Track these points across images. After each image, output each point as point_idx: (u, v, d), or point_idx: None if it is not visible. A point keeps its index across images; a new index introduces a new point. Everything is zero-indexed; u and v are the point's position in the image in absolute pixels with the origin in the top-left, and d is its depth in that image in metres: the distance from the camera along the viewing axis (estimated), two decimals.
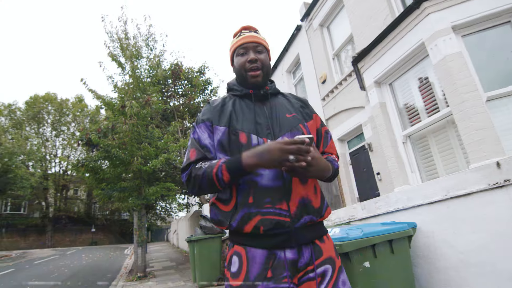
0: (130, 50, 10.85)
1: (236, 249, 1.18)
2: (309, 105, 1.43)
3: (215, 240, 7.42)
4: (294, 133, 1.22)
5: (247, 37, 1.31)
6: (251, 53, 1.29)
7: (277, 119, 1.26)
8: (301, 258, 1.12)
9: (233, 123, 1.23)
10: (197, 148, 1.23)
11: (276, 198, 1.12)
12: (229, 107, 1.28)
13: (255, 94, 1.31)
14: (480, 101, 3.48)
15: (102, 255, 18.29)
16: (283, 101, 1.36)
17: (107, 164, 10.76)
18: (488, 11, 3.69)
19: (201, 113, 1.34)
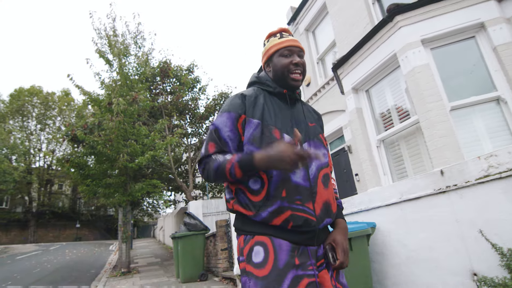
0: (118, 47, 10.87)
1: (258, 239, 1.17)
2: (321, 119, 1.48)
3: (199, 237, 7.59)
4: (315, 142, 1.29)
5: (293, 41, 1.33)
6: (296, 56, 1.30)
7: (304, 125, 1.30)
8: (319, 249, 1.19)
9: (267, 117, 1.24)
10: (216, 142, 1.25)
11: (305, 197, 1.15)
12: (261, 101, 1.29)
13: (289, 95, 1.34)
14: (444, 111, 3.75)
15: (86, 251, 18.23)
16: (304, 109, 1.39)
17: (92, 160, 10.79)
18: (455, 27, 3.97)
19: (229, 103, 1.31)
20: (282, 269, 1.10)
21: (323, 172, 1.24)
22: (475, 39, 3.97)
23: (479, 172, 1.99)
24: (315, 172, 1.21)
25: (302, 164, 1.06)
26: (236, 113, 1.25)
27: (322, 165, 1.25)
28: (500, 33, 3.75)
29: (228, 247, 7.25)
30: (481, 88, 3.82)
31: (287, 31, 1.39)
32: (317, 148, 1.28)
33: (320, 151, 1.28)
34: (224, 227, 7.43)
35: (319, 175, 1.22)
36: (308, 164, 1.15)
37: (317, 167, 1.23)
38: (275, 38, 1.36)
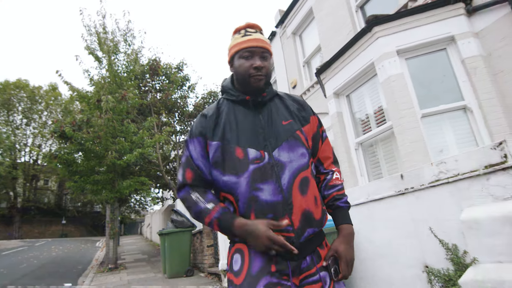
0: (107, 44, 10.92)
1: (237, 246, 1.16)
2: (306, 107, 1.35)
3: (186, 234, 7.79)
4: (290, 143, 1.19)
5: (255, 41, 1.21)
6: (257, 59, 1.20)
7: (274, 128, 1.21)
8: (304, 261, 1.13)
9: (227, 136, 1.19)
10: (192, 169, 1.22)
11: (278, 214, 1.09)
12: (223, 118, 1.23)
13: (252, 101, 1.25)
14: (415, 117, 4.03)
15: (73, 247, 18.18)
16: (279, 105, 1.29)
17: (81, 157, 10.83)
18: (428, 39, 4.24)
19: (194, 126, 1.28)
20: (255, 276, 1.07)
21: (300, 177, 1.16)
22: (446, 51, 4.26)
23: (432, 177, 2.25)
24: (288, 180, 1.13)
25: (276, 249, 1.04)
26: (201, 136, 1.23)
27: (299, 168, 1.16)
28: (468, 47, 4.04)
29: (214, 244, 7.47)
30: (450, 97, 4.11)
31: (254, 26, 1.27)
32: (291, 149, 1.18)
33: (297, 152, 1.18)
34: None
35: (295, 182, 1.14)
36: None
37: (291, 174, 1.14)
38: (239, 35, 1.25)
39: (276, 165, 1.14)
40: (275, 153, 1.16)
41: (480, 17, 4.10)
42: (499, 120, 3.71)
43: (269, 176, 1.12)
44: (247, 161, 1.14)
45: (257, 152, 1.15)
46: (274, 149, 1.16)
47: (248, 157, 1.14)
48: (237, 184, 1.14)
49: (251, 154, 1.15)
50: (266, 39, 1.26)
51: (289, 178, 1.13)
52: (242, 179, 1.13)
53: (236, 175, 1.14)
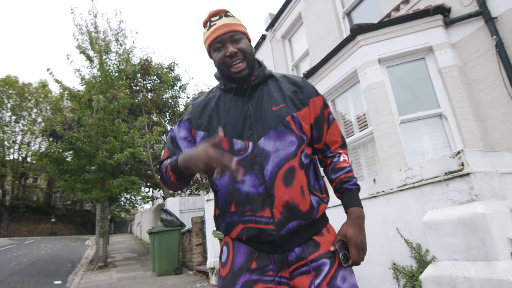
0: (99, 44, 10.96)
1: (225, 239, 1.19)
2: (305, 88, 1.24)
3: (175, 233, 7.92)
4: (279, 130, 1.13)
5: (219, 28, 1.15)
6: (229, 46, 1.15)
7: (262, 115, 1.15)
8: (291, 253, 1.09)
9: (214, 126, 1.17)
10: (169, 149, 1.24)
11: (257, 206, 1.07)
12: (211, 107, 1.21)
13: (237, 89, 1.20)
14: (394, 123, 4.25)
15: (62, 246, 18.12)
16: (272, 89, 1.22)
17: (71, 156, 10.85)
18: (408, 49, 4.46)
19: (186, 112, 1.30)
20: (236, 273, 1.09)
21: (286, 167, 1.10)
22: (425, 60, 4.48)
23: (400, 182, 2.45)
24: (271, 171, 1.09)
25: (220, 169, 0.93)
26: (189, 123, 1.23)
27: (285, 158, 1.11)
28: (444, 57, 4.27)
29: (202, 243, 7.61)
30: (427, 105, 4.34)
31: (216, 13, 1.21)
32: (279, 137, 1.12)
33: (285, 140, 1.12)
34: (199, 223, 7.79)
35: (279, 173, 1.09)
36: (227, 172, 0.94)
37: (275, 164, 1.09)
38: (206, 29, 1.21)
39: (260, 155, 1.10)
40: (260, 142, 1.11)
41: (457, 29, 4.33)
42: (471, 127, 3.94)
43: (251, 167, 1.09)
44: (231, 153, 1.10)
45: (242, 143, 1.12)
46: (260, 138, 1.12)
47: (233, 148, 1.12)
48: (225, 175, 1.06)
49: (236, 145, 1.12)
50: (234, 20, 1.19)
51: (272, 169, 1.09)
52: None
53: None
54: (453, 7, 4.37)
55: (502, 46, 3.78)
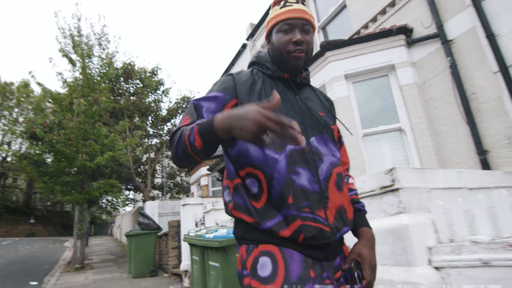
0: (82, 47, 10.97)
1: (264, 248, 0.97)
2: (333, 106, 1.29)
3: (151, 236, 8.02)
4: (325, 136, 1.10)
5: (295, 11, 1.09)
6: (297, 32, 1.08)
7: (310, 114, 1.10)
8: (335, 261, 1.03)
9: None
10: (192, 116, 1.03)
11: (314, 203, 0.97)
12: (259, 87, 1.09)
13: (292, 80, 1.13)
14: (356, 137, 4.50)
15: (41, 247, 17.82)
16: (313, 95, 1.20)
17: (51, 158, 10.81)
18: (372, 66, 4.73)
19: (220, 83, 1.11)
20: (297, 283, 0.92)
21: (336, 171, 1.07)
22: (388, 77, 4.77)
23: None
24: (326, 171, 1.03)
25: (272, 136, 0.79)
26: (227, 96, 1.06)
27: (334, 163, 1.07)
28: (405, 75, 4.56)
29: (178, 246, 7.74)
30: (389, 119, 4.61)
31: None
32: (326, 143, 1.09)
33: (330, 148, 1.09)
34: (176, 227, 7.90)
35: (332, 175, 1.04)
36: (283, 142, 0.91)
37: (328, 166, 1.05)
38: (278, 7, 1.14)
39: (314, 152, 1.04)
40: (312, 140, 1.06)
41: (418, 48, 4.64)
42: (426, 142, 4.23)
43: (306, 161, 1.01)
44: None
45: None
46: (312, 136, 1.07)
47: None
48: (276, 161, 0.98)
49: None
50: (309, 10, 1.14)
51: (326, 170, 1.04)
52: (282, 156, 0.99)
53: (276, 151, 0.99)
54: (415, 28, 4.68)
55: (456, 67, 4.08)
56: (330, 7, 6.67)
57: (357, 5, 5.73)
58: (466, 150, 3.92)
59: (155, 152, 15.56)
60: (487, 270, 1.74)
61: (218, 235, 3.01)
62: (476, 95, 3.89)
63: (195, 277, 3.82)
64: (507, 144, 3.55)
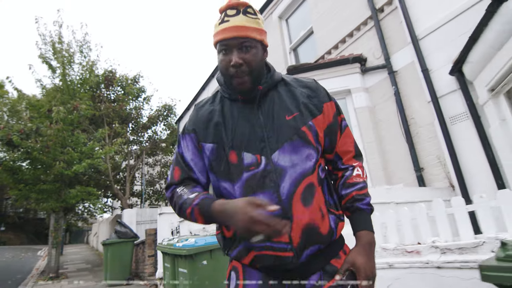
0: (63, 55, 11.10)
1: (233, 264, 1.07)
2: (319, 91, 1.13)
3: (128, 244, 8.25)
4: (294, 143, 1.01)
5: (230, 30, 0.99)
6: (235, 53, 1.00)
7: (275, 125, 1.03)
8: (309, 281, 0.98)
9: (222, 137, 1.04)
10: (181, 167, 1.10)
11: None
12: (217, 115, 1.08)
13: (244, 100, 1.07)
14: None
15: (12, 256, 17.41)
16: (284, 95, 1.10)
17: (27, 165, 10.79)
18: (332, 89, 5.25)
19: (188, 121, 1.16)
20: None
21: (304, 184, 0.99)
22: (345, 100, 5.34)
23: None
24: (288, 189, 0.97)
25: (263, 233, 0.83)
26: (195, 134, 1.10)
27: (303, 173, 0.99)
28: (359, 99, 5.15)
29: (154, 254, 8.01)
30: None
31: (236, 5, 1.03)
32: (295, 151, 1.01)
33: (301, 154, 1.01)
34: (153, 235, 8.17)
35: (297, 190, 0.98)
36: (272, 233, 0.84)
37: (292, 181, 0.98)
38: (218, 21, 1.05)
39: (274, 171, 0.98)
40: (274, 157, 1.00)
41: (370, 76, 5.25)
42: (375, 159, 4.81)
43: (265, 185, 0.98)
44: (241, 168, 1.00)
45: (253, 157, 1.00)
46: (274, 152, 1.00)
47: (243, 163, 1.00)
48: (231, 192, 1.02)
49: (246, 159, 1.00)
50: (251, 22, 1.02)
51: (289, 187, 0.97)
52: (236, 187, 1.00)
53: (231, 182, 1.02)
54: (369, 57, 5.30)
55: (399, 94, 4.70)
56: (301, 31, 7.27)
57: (322, 32, 6.33)
58: (407, 167, 4.52)
59: (135, 159, 15.68)
60: (391, 271, 2.25)
61: (187, 244, 3.42)
62: (415, 120, 4.51)
63: (166, 283, 4.19)
64: (437, 163, 4.16)
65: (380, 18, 5.08)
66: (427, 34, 4.33)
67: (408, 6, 4.55)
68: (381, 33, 4.98)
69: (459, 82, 3.88)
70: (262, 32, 1.06)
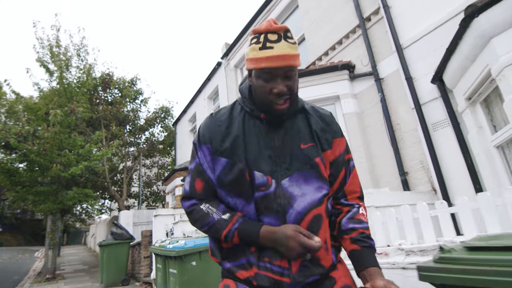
0: (60, 58, 11.23)
1: (225, 282, 1.05)
2: (333, 125, 1.14)
3: (124, 246, 8.38)
4: (306, 173, 1.02)
5: (276, 60, 0.96)
6: (279, 82, 0.99)
7: (289, 152, 1.04)
8: None
9: (238, 153, 1.03)
10: (204, 179, 1.08)
11: (276, 253, 0.96)
12: (235, 130, 1.07)
13: (268, 120, 1.07)
14: None
15: (9, 257, 17.49)
16: (301, 123, 1.10)
17: (24, 167, 10.90)
18: (322, 95, 5.44)
19: (203, 129, 1.12)
20: None
21: (311, 216, 1.00)
22: (335, 106, 5.50)
23: None
24: (295, 217, 0.99)
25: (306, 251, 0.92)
26: (212, 145, 1.08)
27: (312, 204, 1.01)
28: (347, 105, 5.31)
29: (150, 255, 8.14)
30: None
31: (277, 30, 1.00)
32: (306, 181, 1.03)
33: (312, 185, 1.03)
34: (149, 236, 8.31)
35: (303, 221, 0.99)
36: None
37: (300, 210, 0.99)
38: (256, 45, 1.00)
39: (283, 196, 1.00)
40: (284, 182, 1.01)
41: (358, 83, 5.41)
42: (362, 164, 4.96)
43: (272, 209, 0.99)
44: (253, 187, 1.01)
45: (264, 178, 1.00)
46: (285, 177, 1.01)
47: (255, 182, 1.01)
48: (242, 209, 1.03)
49: (257, 179, 1.00)
50: (293, 48, 1.00)
51: (295, 216, 0.99)
52: (250, 208, 1.02)
53: (245, 201, 1.03)
54: (357, 65, 5.46)
55: (385, 101, 4.86)
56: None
57: (313, 39, 6.49)
58: (392, 171, 4.67)
59: (132, 161, 15.81)
60: None
61: (177, 246, 3.57)
62: (400, 126, 4.67)
63: (158, 283, 4.33)
64: (421, 168, 4.32)
65: (367, 27, 5.24)
66: (411, 44, 4.49)
67: (393, 16, 4.71)
68: (368, 42, 5.15)
69: (440, 90, 4.04)
70: (299, 56, 1.03)
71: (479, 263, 1.18)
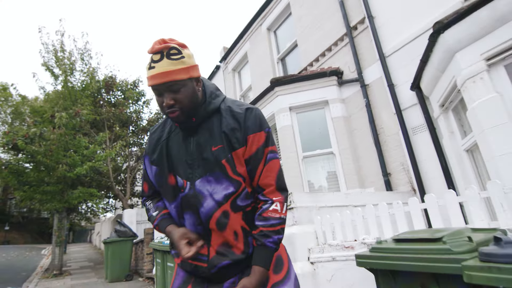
0: (65, 63, 11.60)
1: (176, 261, 1.30)
2: (247, 124, 1.17)
3: (128, 243, 8.75)
4: (215, 174, 1.14)
5: (156, 78, 1.06)
6: (166, 96, 1.09)
7: (201, 155, 1.16)
8: (225, 283, 1.18)
9: (163, 161, 1.23)
10: (148, 182, 1.35)
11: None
12: (162, 141, 1.26)
13: (182, 128, 1.21)
14: (297, 159, 5.50)
15: (17, 255, 17.97)
16: (215, 125, 1.18)
17: (30, 167, 11.29)
18: (311, 100, 5.75)
19: (147, 143, 1.35)
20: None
21: (219, 212, 1.14)
22: (324, 110, 5.80)
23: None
24: (206, 213, 1.14)
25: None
26: (148, 156, 1.32)
27: (220, 201, 1.13)
28: (336, 109, 5.60)
29: (152, 252, 8.51)
30: (323, 144, 5.63)
31: (159, 50, 1.09)
32: (216, 180, 1.14)
33: (221, 184, 1.14)
34: (151, 234, 8.67)
35: (213, 216, 1.14)
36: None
37: (209, 208, 1.14)
38: (147, 66, 1.12)
39: (195, 196, 1.15)
40: (197, 184, 1.15)
41: (346, 88, 5.70)
42: (349, 165, 5.26)
43: (190, 207, 1.17)
44: (176, 189, 1.20)
45: (181, 181, 1.18)
46: (197, 179, 1.15)
47: (178, 185, 1.19)
48: (170, 209, 1.25)
49: (179, 182, 1.19)
50: (175, 64, 1.08)
51: (206, 212, 1.14)
52: (173, 206, 1.23)
53: (169, 201, 1.24)
54: (345, 71, 5.75)
55: (370, 106, 5.15)
56: (287, 43, 7.73)
57: (305, 46, 6.78)
58: (376, 172, 4.97)
59: (135, 160, 16.17)
60: (334, 263, 2.72)
61: None
62: (383, 129, 4.96)
63: (157, 276, 4.68)
64: (402, 169, 4.62)
65: (354, 35, 5.53)
66: (393, 52, 4.78)
67: (377, 26, 5.00)
68: (355, 49, 5.43)
69: (418, 97, 4.33)
70: (189, 69, 1.11)
71: (400, 251, 1.51)
